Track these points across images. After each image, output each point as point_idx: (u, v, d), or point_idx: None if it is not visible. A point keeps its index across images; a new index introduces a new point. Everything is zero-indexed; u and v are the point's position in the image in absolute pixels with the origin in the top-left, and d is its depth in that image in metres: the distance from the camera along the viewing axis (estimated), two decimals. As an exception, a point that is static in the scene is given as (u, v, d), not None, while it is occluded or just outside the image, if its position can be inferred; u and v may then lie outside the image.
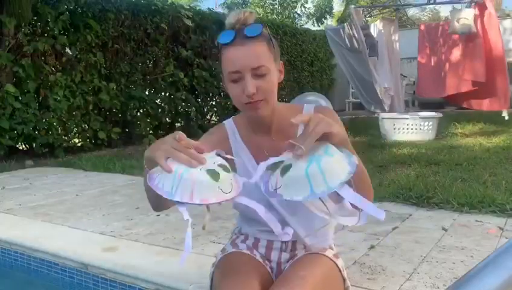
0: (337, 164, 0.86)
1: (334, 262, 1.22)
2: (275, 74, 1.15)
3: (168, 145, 0.88)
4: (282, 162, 0.89)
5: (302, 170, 0.84)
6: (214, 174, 0.82)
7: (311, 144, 0.88)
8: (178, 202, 0.83)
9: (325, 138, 0.90)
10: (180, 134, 0.90)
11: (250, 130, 1.25)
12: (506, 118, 6.14)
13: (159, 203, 1.06)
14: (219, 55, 1.15)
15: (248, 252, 1.26)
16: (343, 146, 0.93)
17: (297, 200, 0.85)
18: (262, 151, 1.22)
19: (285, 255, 1.28)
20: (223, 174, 0.83)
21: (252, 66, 1.09)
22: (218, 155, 0.92)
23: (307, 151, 0.87)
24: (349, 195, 0.88)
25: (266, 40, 1.13)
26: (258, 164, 1.22)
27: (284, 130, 1.22)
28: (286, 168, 0.86)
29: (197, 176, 0.81)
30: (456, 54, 6.62)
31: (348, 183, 0.87)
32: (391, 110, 6.65)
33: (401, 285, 1.62)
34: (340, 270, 1.22)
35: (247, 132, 1.26)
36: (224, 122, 1.31)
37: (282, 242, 1.27)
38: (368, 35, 6.59)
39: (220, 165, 0.85)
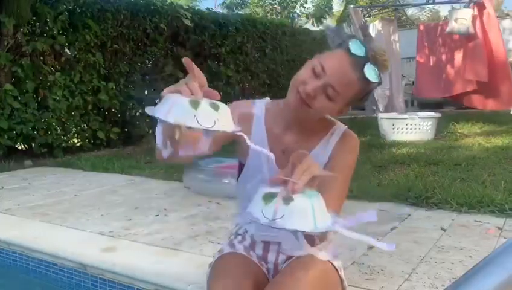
0: (324, 207, 0.90)
1: (331, 262, 1.21)
2: (336, 108, 1.14)
3: (181, 81, 0.87)
4: (276, 193, 0.88)
5: (307, 202, 0.85)
6: (194, 103, 0.81)
7: (305, 182, 0.88)
8: (157, 119, 0.83)
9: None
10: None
11: (276, 120, 1.23)
12: None
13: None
14: (334, 47, 1.15)
15: (244, 253, 1.26)
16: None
17: (300, 231, 0.84)
18: (278, 146, 1.21)
19: (282, 257, 1.27)
20: (205, 106, 0.81)
21: (333, 84, 1.08)
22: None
23: (302, 187, 0.87)
24: (345, 225, 0.90)
25: (365, 89, 1.12)
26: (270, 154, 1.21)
27: (307, 136, 1.21)
28: (288, 199, 0.85)
29: (179, 99, 0.82)
30: (456, 54, 6.63)
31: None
32: (390, 110, 6.66)
33: (400, 285, 1.62)
34: (337, 271, 1.22)
35: (272, 120, 1.24)
36: (256, 100, 1.29)
37: (278, 243, 1.27)
38: (366, 36, 6.59)
39: (212, 103, 0.83)
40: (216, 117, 0.82)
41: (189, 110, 0.80)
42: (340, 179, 1.19)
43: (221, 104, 0.85)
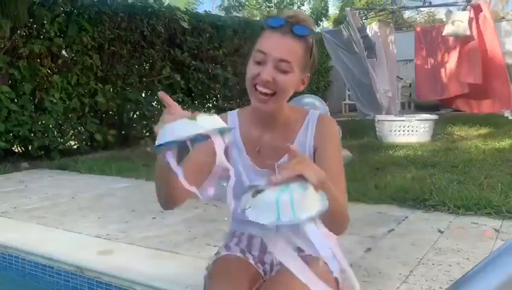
0: (309, 200, 0.86)
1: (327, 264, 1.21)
2: (296, 78, 1.15)
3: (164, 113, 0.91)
4: (257, 186, 0.90)
5: (273, 195, 0.85)
6: (191, 118, 0.86)
7: (287, 176, 0.87)
8: (161, 147, 0.87)
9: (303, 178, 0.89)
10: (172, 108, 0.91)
11: (251, 124, 1.25)
12: (510, 117, 6.18)
13: (166, 194, 1.08)
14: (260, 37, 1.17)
15: (241, 255, 1.26)
16: (321, 190, 0.91)
17: (261, 223, 0.84)
18: (256, 147, 1.22)
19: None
20: (201, 116, 0.87)
21: (279, 56, 1.10)
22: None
23: (281, 180, 0.87)
24: (313, 233, 0.84)
25: (306, 46, 1.14)
26: (250, 158, 1.23)
27: (285, 131, 1.22)
28: (258, 191, 0.88)
29: (176, 121, 0.87)
30: (453, 56, 6.65)
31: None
32: (387, 112, 6.66)
33: (398, 288, 1.62)
34: (333, 272, 1.22)
35: (247, 126, 1.26)
36: (228, 112, 1.31)
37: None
38: (366, 37, 6.60)
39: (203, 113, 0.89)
40: (215, 119, 0.88)
41: (190, 123, 0.85)
42: (336, 165, 1.20)
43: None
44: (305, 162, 0.91)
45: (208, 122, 0.86)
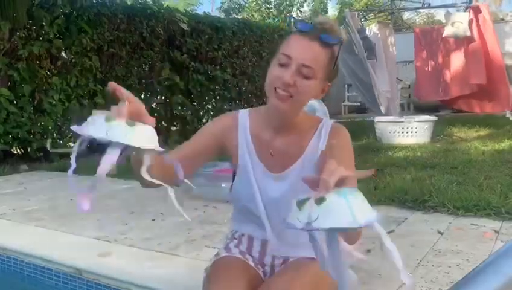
0: (365, 202, 0.85)
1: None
2: (317, 85, 1.14)
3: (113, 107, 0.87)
4: (308, 198, 0.83)
5: (341, 198, 0.80)
6: (108, 118, 0.83)
7: (335, 180, 0.84)
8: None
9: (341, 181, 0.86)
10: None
11: (263, 126, 1.24)
12: (511, 118, 6.19)
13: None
14: (285, 39, 1.15)
15: (240, 257, 1.26)
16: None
17: (341, 229, 0.80)
18: (268, 150, 1.22)
19: (278, 260, 1.27)
20: (118, 122, 0.83)
21: (304, 62, 1.09)
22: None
23: (333, 186, 0.83)
24: (384, 233, 0.83)
25: (331, 55, 1.13)
26: (260, 160, 1.22)
27: (297, 136, 1.22)
28: (321, 199, 0.81)
29: (97, 116, 0.83)
30: (454, 57, 6.67)
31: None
32: (387, 113, 6.66)
33: (397, 289, 1.61)
34: None
35: (258, 127, 1.25)
36: (240, 111, 1.30)
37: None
38: (365, 38, 6.60)
39: (129, 122, 0.84)
40: (128, 132, 0.82)
41: (102, 124, 0.82)
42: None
43: (141, 124, 0.85)
44: (339, 166, 0.87)
45: (118, 131, 0.81)
